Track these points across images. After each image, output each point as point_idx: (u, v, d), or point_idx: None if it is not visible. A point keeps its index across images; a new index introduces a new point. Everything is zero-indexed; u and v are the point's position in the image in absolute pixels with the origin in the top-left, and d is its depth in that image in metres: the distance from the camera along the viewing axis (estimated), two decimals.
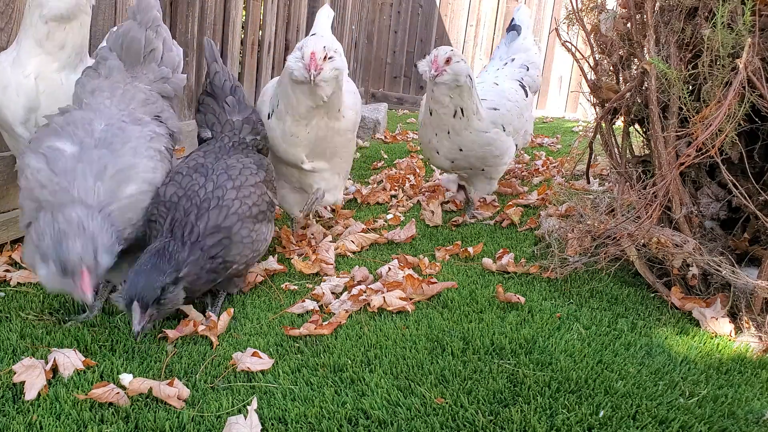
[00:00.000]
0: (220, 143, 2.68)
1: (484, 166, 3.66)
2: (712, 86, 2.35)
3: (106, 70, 2.46)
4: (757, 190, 2.45)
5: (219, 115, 2.78)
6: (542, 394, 1.96)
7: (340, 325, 2.38)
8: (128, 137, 2.27)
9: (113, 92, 2.42)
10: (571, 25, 3.20)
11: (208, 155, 2.55)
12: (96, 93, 2.40)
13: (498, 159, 3.65)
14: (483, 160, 3.61)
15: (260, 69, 5.46)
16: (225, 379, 2.00)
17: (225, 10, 4.65)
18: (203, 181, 2.36)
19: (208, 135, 2.79)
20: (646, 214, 2.55)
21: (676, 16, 2.55)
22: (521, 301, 2.60)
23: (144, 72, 2.53)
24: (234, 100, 2.82)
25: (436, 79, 3.22)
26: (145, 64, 2.54)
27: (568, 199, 3.64)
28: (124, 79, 2.47)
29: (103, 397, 1.81)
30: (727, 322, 2.46)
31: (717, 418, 1.91)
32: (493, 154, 3.60)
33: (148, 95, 2.49)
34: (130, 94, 2.44)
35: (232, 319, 2.40)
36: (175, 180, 2.36)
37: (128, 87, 2.46)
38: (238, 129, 2.76)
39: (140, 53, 2.52)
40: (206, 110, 2.82)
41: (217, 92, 2.82)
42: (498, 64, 4.30)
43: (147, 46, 2.54)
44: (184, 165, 2.46)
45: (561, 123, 8.42)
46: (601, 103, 3.11)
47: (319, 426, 1.78)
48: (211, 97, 2.83)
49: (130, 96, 2.44)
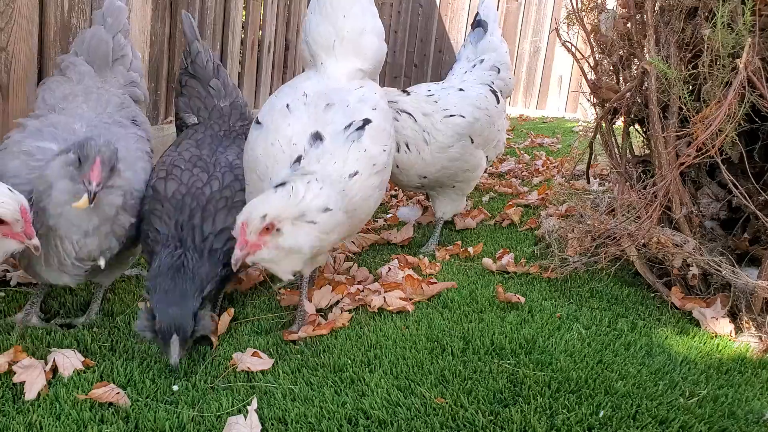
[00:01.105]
0: (211, 131, 2.51)
1: (454, 183, 3.35)
2: (712, 86, 2.35)
3: (77, 75, 2.41)
4: (757, 190, 2.44)
5: (205, 100, 2.60)
6: (542, 394, 1.96)
7: (343, 326, 2.37)
8: (116, 138, 2.20)
9: (87, 97, 2.37)
10: (571, 24, 3.20)
11: (202, 146, 2.40)
12: (69, 98, 2.35)
13: (469, 173, 3.34)
14: (453, 177, 3.29)
15: (260, 69, 5.46)
16: (225, 379, 2.00)
17: (225, 10, 4.65)
18: (206, 177, 2.24)
19: (193, 120, 2.61)
20: (646, 214, 2.55)
21: (676, 16, 2.55)
22: (521, 301, 2.60)
23: (114, 76, 2.49)
24: (219, 84, 2.64)
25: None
26: (114, 68, 2.50)
27: (568, 199, 3.64)
28: (96, 83, 2.43)
29: (103, 397, 1.81)
30: (728, 322, 2.46)
31: (717, 418, 1.90)
32: (463, 169, 3.28)
33: (123, 99, 2.46)
34: (104, 99, 2.40)
35: (232, 320, 2.40)
36: (173, 174, 2.22)
37: (101, 91, 2.42)
38: (227, 115, 2.59)
39: (108, 57, 2.48)
40: (190, 94, 2.62)
41: (200, 74, 2.62)
42: (465, 66, 3.70)
43: (117, 50, 2.49)
44: (179, 157, 2.32)
45: (561, 123, 8.42)
46: (601, 103, 3.11)
47: (319, 426, 1.78)
48: (195, 80, 2.63)
49: (105, 100, 2.40)
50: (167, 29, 4.19)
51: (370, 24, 2.49)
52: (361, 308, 2.53)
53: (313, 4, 2.49)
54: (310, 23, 2.46)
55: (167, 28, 4.19)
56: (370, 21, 2.49)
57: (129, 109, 2.47)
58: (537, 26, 9.45)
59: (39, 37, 2.96)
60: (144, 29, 3.78)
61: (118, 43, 2.52)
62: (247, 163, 2.27)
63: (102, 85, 2.44)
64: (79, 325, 2.27)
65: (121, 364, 2.02)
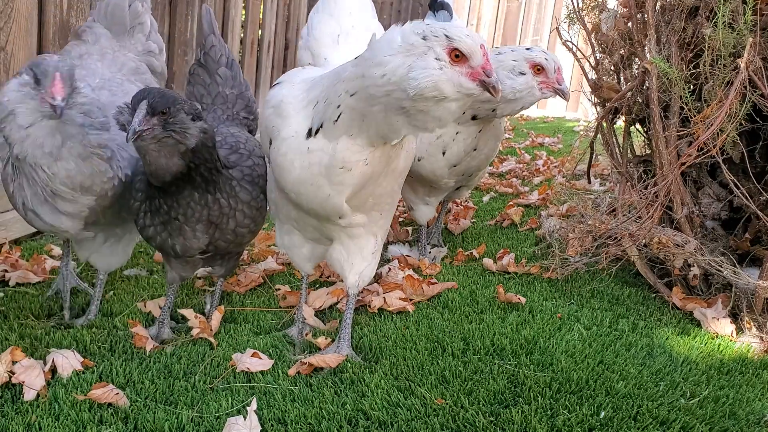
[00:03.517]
0: (213, 114, 2.44)
1: (481, 169, 3.13)
2: (713, 86, 2.34)
3: (92, 36, 2.39)
4: (759, 190, 2.44)
5: (209, 87, 2.51)
6: (543, 395, 1.95)
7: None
8: (128, 92, 2.14)
9: (103, 56, 2.34)
10: (572, 24, 3.19)
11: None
12: (84, 57, 2.32)
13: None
14: (487, 160, 3.08)
15: (260, 68, 5.45)
16: (224, 379, 1.99)
17: (224, 10, 4.65)
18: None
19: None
20: (647, 214, 2.55)
21: (677, 15, 2.55)
22: (522, 302, 2.60)
23: (132, 42, 2.46)
24: (228, 73, 2.55)
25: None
26: (132, 35, 2.46)
27: (569, 198, 3.63)
28: (112, 46, 2.40)
29: (102, 397, 1.81)
30: (729, 322, 2.45)
31: (718, 418, 1.90)
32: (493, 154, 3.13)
33: (138, 65, 2.42)
34: (120, 61, 2.36)
35: (231, 321, 2.39)
36: None
37: (117, 54, 2.38)
38: (232, 103, 2.50)
39: (125, 21, 2.45)
40: (195, 81, 2.55)
41: (210, 64, 2.55)
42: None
43: (134, 17, 2.47)
44: None
45: (562, 122, 8.42)
46: (602, 102, 3.11)
47: (319, 427, 1.77)
48: (202, 68, 2.55)
49: (120, 63, 2.36)
50: (167, 29, 4.18)
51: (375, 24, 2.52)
52: (361, 309, 2.52)
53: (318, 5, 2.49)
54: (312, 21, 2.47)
55: (166, 28, 4.18)
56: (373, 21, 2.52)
57: (144, 75, 2.44)
58: (537, 25, 9.45)
59: (38, 37, 2.95)
60: None
61: (134, 11, 2.49)
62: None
63: (119, 49, 2.41)
64: (78, 325, 2.27)
65: (120, 364, 2.02)
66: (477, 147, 2.80)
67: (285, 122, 1.92)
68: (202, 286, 2.65)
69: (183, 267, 2.26)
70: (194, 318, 2.31)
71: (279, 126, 1.93)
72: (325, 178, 1.86)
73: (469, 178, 3.10)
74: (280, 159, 1.92)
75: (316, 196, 1.91)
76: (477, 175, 3.16)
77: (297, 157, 1.88)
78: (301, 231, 2.21)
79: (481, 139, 2.79)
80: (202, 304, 2.50)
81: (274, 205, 2.21)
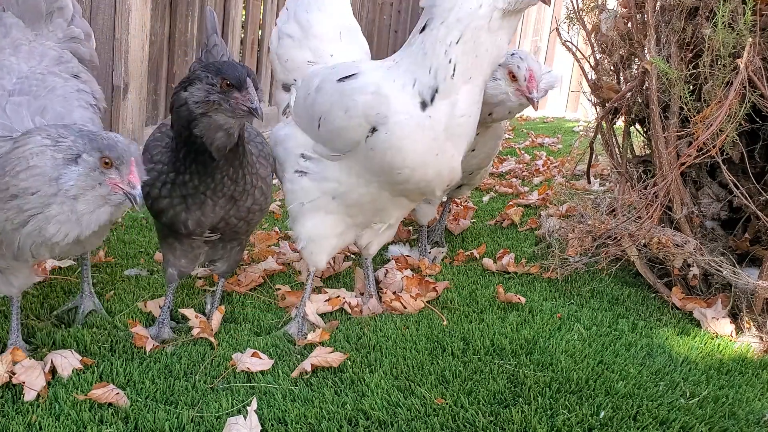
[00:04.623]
0: None
1: (482, 167, 3.18)
2: (713, 86, 2.34)
3: (3, 28, 2.18)
4: (758, 190, 2.44)
5: None
6: (543, 395, 1.95)
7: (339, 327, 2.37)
8: (52, 87, 2.00)
9: (16, 50, 2.14)
10: (572, 24, 3.19)
11: None
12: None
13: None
14: (488, 158, 3.16)
15: (260, 68, 5.46)
16: (225, 379, 2.00)
17: (225, 10, 4.65)
18: None
19: None
20: (646, 214, 2.55)
21: (676, 15, 2.55)
22: (522, 302, 2.60)
23: (50, 29, 2.26)
24: None
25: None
26: (51, 21, 2.27)
27: (568, 199, 3.64)
28: (27, 36, 2.19)
29: (102, 397, 1.81)
30: (728, 322, 2.46)
31: (718, 418, 1.90)
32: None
33: (61, 53, 2.23)
34: (38, 51, 2.17)
35: (232, 321, 2.40)
36: (160, 130, 2.17)
37: (34, 44, 2.18)
38: None
39: (40, 7, 2.24)
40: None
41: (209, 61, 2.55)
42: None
43: (51, 1, 2.26)
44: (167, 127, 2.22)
45: (561, 123, 8.43)
46: (601, 102, 3.11)
47: (319, 427, 1.77)
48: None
49: (39, 53, 2.17)
50: (167, 29, 4.18)
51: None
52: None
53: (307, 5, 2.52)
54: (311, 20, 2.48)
55: (167, 28, 4.18)
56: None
57: (69, 64, 2.24)
58: (537, 26, 9.45)
59: None
60: (143, 29, 3.77)
61: None
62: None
63: (34, 39, 2.21)
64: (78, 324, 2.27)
65: (121, 364, 2.02)
66: (476, 147, 2.82)
67: (390, 108, 2.00)
68: (203, 286, 2.66)
69: (185, 254, 2.24)
70: (195, 318, 2.31)
71: (384, 112, 2.00)
72: (449, 141, 2.02)
73: (470, 177, 3.11)
74: (398, 142, 2.00)
75: (438, 164, 2.04)
76: (479, 173, 3.17)
77: (418, 132, 1.99)
78: (353, 216, 2.28)
79: (480, 141, 2.80)
80: (203, 304, 2.50)
81: (303, 192, 2.27)
